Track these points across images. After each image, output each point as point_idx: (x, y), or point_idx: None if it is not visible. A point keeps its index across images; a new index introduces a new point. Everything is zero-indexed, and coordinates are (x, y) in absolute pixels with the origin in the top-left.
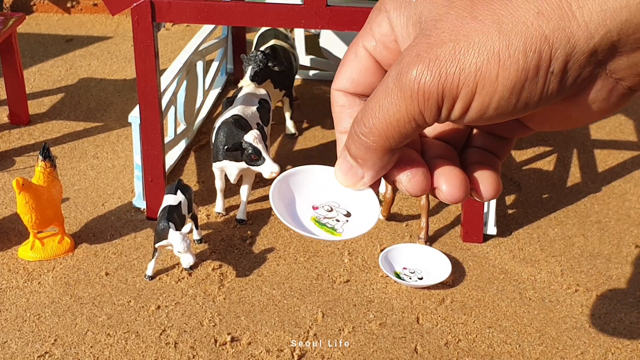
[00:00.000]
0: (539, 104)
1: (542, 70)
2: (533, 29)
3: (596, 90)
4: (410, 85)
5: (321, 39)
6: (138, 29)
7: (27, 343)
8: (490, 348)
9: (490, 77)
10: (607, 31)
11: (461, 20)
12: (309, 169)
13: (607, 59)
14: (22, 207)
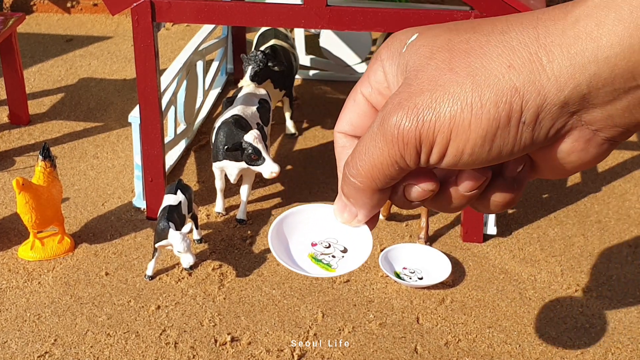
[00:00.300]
0: (514, 152)
1: (514, 120)
2: (504, 81)
3: (573, 140)
4: (391, 131)
5: (321, 39)
6: (138, 29)
7: (27, 343)
8: (490, 348)
9: (463, 125)
10: (576, 84)
11: (439, 71)
12: (309, 207)
13: (581, 110)
14: (22, 207)
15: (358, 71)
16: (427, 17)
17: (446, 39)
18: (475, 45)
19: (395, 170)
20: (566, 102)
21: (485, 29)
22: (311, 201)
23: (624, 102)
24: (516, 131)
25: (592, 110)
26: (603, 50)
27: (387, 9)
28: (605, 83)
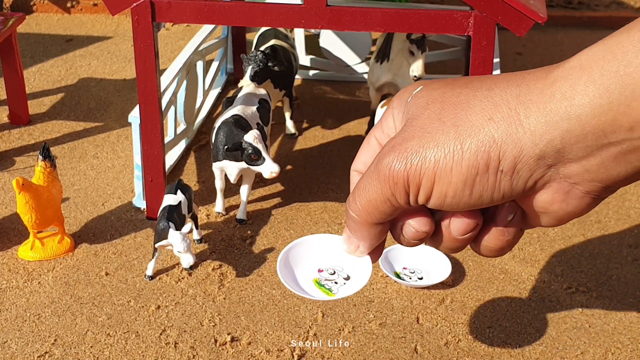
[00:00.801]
0: (495, 198)
1: (492, 168)
2: (484, 132)
3: (553, 192)
4: (384, 171)
5: (321, 39)
6: (138, 29)
7: (27, 343)
8: (491, 348)
9: (445, 169)
10: (550, 139)
11: (430, 120)
12: (322, 237)
13: (558, 164)
14: (22, 207)
15: (358, 71)
16: (427, 18)
17: (441, 92)
18: (464, 99)
19: (388, 207)
20: (542, 155)
21: (475, 85)
22: (311, 201)
23: (599, 158)
24: (494, 178)
25: (569, 165)
26: (575, 109)
27: (387, 9)
28: (578, 139)
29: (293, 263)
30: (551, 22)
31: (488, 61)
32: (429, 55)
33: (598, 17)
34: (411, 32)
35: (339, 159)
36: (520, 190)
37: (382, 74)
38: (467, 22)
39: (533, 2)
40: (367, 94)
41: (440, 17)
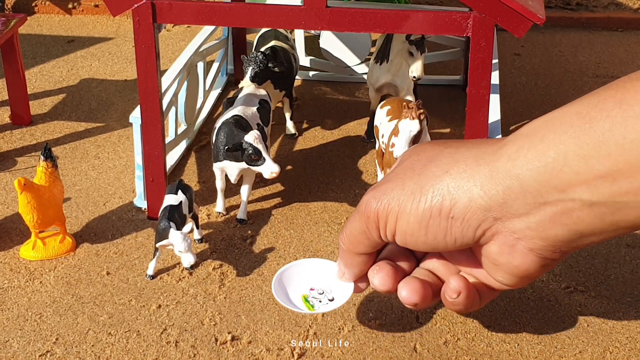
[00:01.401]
0: (447, 241)
1: (444, 213)
2: (441, 183)
3: (499, 244)
4: (362, 207)
5: (321, 40)
6: (139, 30)
7: (28, 342)
8: (489, 347)
9: (406, 210)
10: (495, 193)
11: (405, 169)
12: (322, 262)
13: (503, 218)
14: (23, 207)
15: (358, 72)
16: (427, 18)
17: (423, 147)
18: (434, 155)
19: (365, 238)
20: (488, 207)
21: (450, 144)
22: (311, 201)
23: (537, 217)
24: (446, 223)
25: (513, 220)
26: (516, 169)
27: (386, 10)
28: (518, 196)
29: (292, 277)
30: (549, 23)
31: (487, 62)
32: (428, 56)
33: (596, 18)
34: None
35: (339, 159)
36: (470, 238)
37: (381, 75)
38: (466, 23)
39: (531, 3)
40: (367, 94)
41: (440, 18)
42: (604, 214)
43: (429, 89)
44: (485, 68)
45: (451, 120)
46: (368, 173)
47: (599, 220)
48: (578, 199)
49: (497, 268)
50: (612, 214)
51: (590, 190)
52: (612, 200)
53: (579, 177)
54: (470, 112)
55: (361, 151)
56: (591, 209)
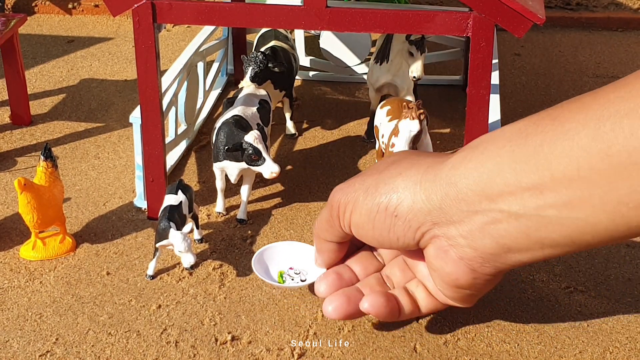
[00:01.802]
0: (391, 238)
1: (389, 211)
2: (393, 183)
3: (435, 247)
4: (330, 198)
5: (321, 40)
6: (139, 30)
7: (28, 342)
8: (489, 347)
9: (359, 203)
10: (434, 198)
11: (372, 168)
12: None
13: (440, 222)
14: (23, 207)
15: (358, 72)
16: (426, 19)
17: (398, 154)
18: (399, 161)
19: (330, 227)
20: (428, 210)
21: (419, 154)
22: (311, 201)
23: (469, 225)
24: (390, 221)
25: (449, 226)
26: (455, 177)
27: (386, 10)
28: (453, 203)
29: (280, 253)
30: (549, 23)
31: (487, 62)
32: (428, 56)
33: (596, 18)
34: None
35: (339, 159)
36: (411, 238)
37: (381, 75)
38: (466, 24)
39: (531, 3)
40: (367, 94)
41: (440, 18)
42: (529, 229)
43: (429, 89)
44: (485, 68)
45: (451, 120)
46: None
47: (524, 236)
48: (506, 210)
49: (434, 274)
50: (537, 230)
51: (518, 202)
52: (537, 214)
53: (509, 189)
54: (470, 112)
55: (361, 151)
56: (517, 222)
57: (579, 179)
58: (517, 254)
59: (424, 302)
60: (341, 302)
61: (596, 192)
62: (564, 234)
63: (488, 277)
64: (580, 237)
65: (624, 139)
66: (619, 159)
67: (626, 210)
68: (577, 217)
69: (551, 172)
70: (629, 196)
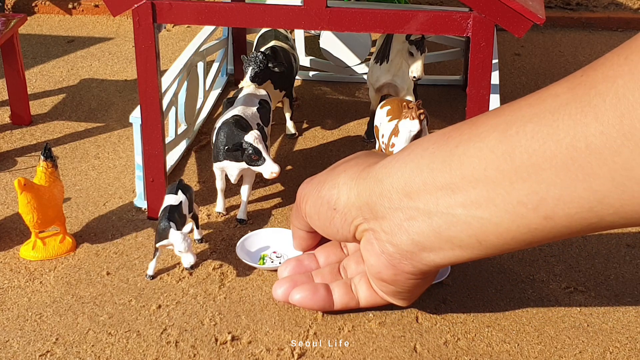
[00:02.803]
0: (332, 229)
1: (330, 205)
2: (337, 179)
3: (365, 241)
4: (299, 190)
5: (321, 40)
6: (139, 30)
7: (28, 342)
8: (489, 347)
9: (310, 195)
10: (363, 194)
11: (329, 167)
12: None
13: (370, 218)
14: (23, 207)
15: (358, 72)
16: (426, 19)
17: (359, 153)
18: (352, 159)
19: (297, 215)
20: (359, 206)
21: (371, 153)
22: None
23: (390, 222)
24: (331, 214)
25: (375, 221)
26: (381, 174)
27: (386, 10)
28: (378, 199)
29: (266, 239)
30: (549, 23)
31: (487, 62)
32: (428, 56)
33: (596, 18)
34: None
35: (338, 159)
36: (347, 230)
37: (381, 75)
38: (466, 24)
39: (531, 3)
40: (367, 94)
41: (440, 18)
42: (440, 227)
43: (429, 89)
44: (485, 68)
45: (451, 120)
46: None
47: (435, 234)
48: (421, 208)
49: (366, 266)
50: (447, 229)
51: (432, 201)
52: (447, 212)
53: (425, 187)
54: (470, 112)
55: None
56: (430, 219)
57: (485, 179)
58: (430, 252)
59: (364, 294)
60: (288, 286)
61: (499, 192)
62: (470, 233)
63: (408, 275)
64: (485, 237)
65: (525, 141)
66: (520, 160)
67: (525, 211)
68: (481, 217)
69: (462, 171)
70: (528, 197)
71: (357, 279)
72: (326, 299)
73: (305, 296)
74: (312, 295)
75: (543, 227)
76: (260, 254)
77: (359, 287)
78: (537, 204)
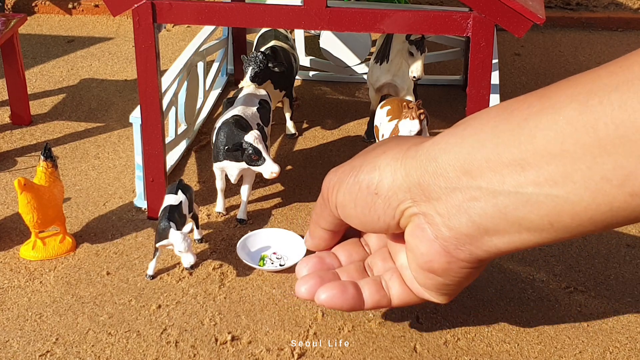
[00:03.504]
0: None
1: (370, 189)
2: (375, 161)
3: (413, 226)
4: (323, 182)
5: (321, 40)
6: (139, 30)
7: (28, 342)
8: (489, 347)
9: (343, 182)
10: (414, 174)
11: (361, 152)
12: (295, 235)
13: (419, 200)
14: (23, 207)
15: (358, 72)
16: (426, 19)
17: (389, 138)
18: (386, 142)
19: (323, 211)
20: (407, 188)
21: (412, 137)
22: (311, 201)
23: (447, 204)
24: (371, 199)
25: (427, 203)
26: (435, 152)
27: (386, 10)
28: (432, 178)
29: (267, 239)
30: (549, 23)
31: (487, 62)
32: (428, 56)
33: (596, 18)
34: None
35: (338, 159)
36: (391, 216)
37: (381, 75)
38: (466, 24)
39: (531, 3)
40: (367, 94)
41: (440, 18)
42: (507, 208)
43: (429, 89)
44: (485, 68)
45: (451, 120)
46: None
47: (501, 215)
48: (485, 186)
49: (410, 256)
50: (515, 209)
51: (497, 179)
52: (515, 191)
53: (489, 164)
54: (470, 112)
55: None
56: (495, 199)
57: (562, 153)
58: (493, 236)
59: (397, 292)
60: (314, 282)
61: (579, 168)
62: (542, 213)
63: (463, 263)
64: (559, 218)
65: (611, 111)
66: (605, 132)
67: (609, 188)
68: (557, 195)
69: (534, 146)
70: (613, 172)
71: (387, 276)
72: (356, 298)
73: (333, 295)
74: (341, 293)
75: (627, 206)
76: (261, 254)
77: (390, 285)
78: (624, 180)
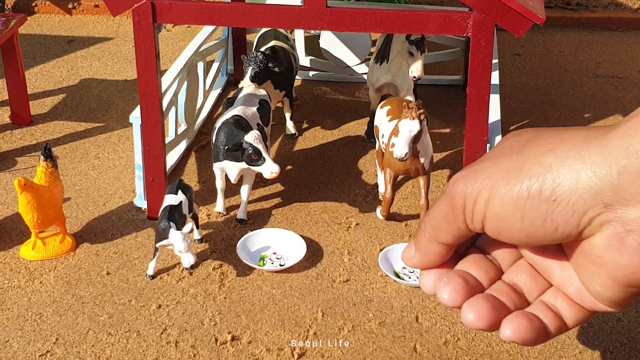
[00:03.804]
0: (547, 229)
1: (545, 195)
2: (543, 160)
3: (607, 236)
4: (449, 189)
5: (321, 40)
6: (139, 30)
7: (28, 342)
8: (489, 347)
9: (499, 190)
10: (607, 173)
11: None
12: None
13: (615, 204)
14: (23, 207)
15: (358, 72)
16: (426, 19)
17: (525, 130)
18: (537, 136)
19: (447, 223)
20: (599, 190)
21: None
22: (311, 201)
23: None
24: (547, 206)
25: (627, 207)
26: (634, 145)
27: (386, 10)
28: (634, 177)
29: (267, 239)
30: (549, 23)
31: (487, 62)
32: (428, 56)
33: (596, 18)
34: (410, 33)
35: (338, 159)
36: (574, 226)
37: (381, 75)
38: (466, 24)
39: (531, 3)
40: (367, 94)
41: (440, 18)
42: None
43: (429, 89)
44: (485, 68)
45: (451, 120)
46: (368, 173)
47: None
48: None
49: (598, 271)
50: None
51: None
52: None
53: None
54: (470, 112)
55: (361, 151)
56: None
57: None
58: None
59: (569, 313)
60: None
61: None
62: None
63: None
64: None
65: None
66: None
67: None
68: None
69: None
70: None
71: (551, 298)
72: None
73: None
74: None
75: None
76: (261, 254)
77: (558, 306)
78: None
